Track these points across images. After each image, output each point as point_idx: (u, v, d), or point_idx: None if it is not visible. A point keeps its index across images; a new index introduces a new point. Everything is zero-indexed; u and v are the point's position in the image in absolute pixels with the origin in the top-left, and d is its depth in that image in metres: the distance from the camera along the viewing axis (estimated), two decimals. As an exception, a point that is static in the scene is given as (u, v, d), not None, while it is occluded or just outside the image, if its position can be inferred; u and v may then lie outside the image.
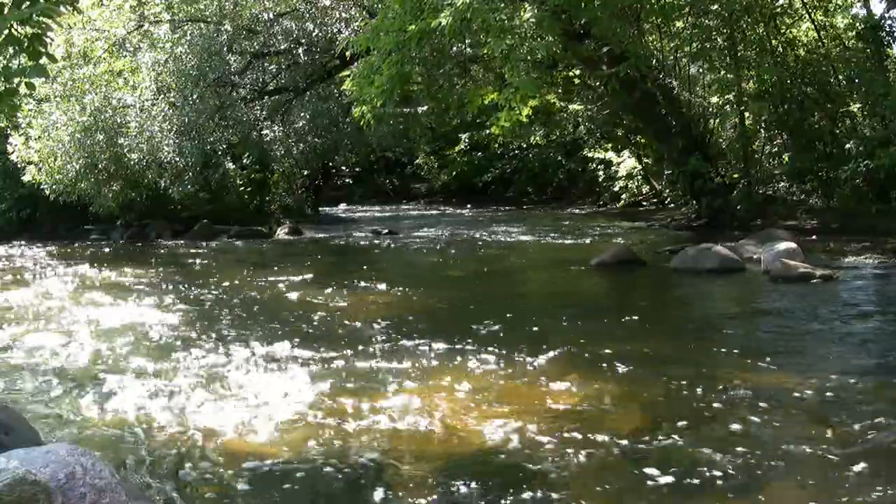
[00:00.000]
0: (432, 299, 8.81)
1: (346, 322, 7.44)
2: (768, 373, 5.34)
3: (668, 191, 22.25)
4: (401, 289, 9.25)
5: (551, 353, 5.84)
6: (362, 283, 9.81)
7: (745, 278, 9.61)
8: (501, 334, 6.56)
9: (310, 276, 10.56)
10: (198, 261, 13.00)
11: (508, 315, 7.51)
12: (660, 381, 5.11)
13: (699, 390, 4.88)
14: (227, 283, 9.98)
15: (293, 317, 7.72)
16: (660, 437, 4.14)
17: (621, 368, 5.40)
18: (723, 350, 6.00)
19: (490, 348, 6.05)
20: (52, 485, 2.68)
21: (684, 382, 5.04)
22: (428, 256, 13.50)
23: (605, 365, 5.50)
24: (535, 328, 6.96)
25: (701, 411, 4.52)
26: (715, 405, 4.61)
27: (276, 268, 11.70)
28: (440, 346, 6.18)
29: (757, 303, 8.41)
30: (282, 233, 17.81)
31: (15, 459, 2.73)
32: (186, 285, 9.94)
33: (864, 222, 12.78)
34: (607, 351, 5.97)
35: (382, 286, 9.42)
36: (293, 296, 8.97)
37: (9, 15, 3.82)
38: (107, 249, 15.28)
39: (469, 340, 6.26)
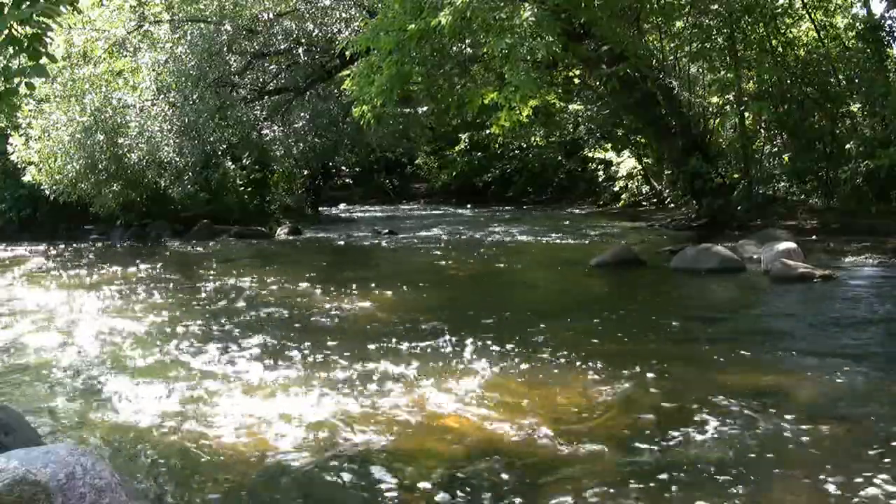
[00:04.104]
0: (432, 299, 8.81)
1: (347, 322, 7.44)
2: (768, 372, 5.35)
3: (668, 191, 22.25)
4: (401, 289, 9.25)
5: (551, 353, 5.85)
6: (362, 283, 9.80)
7: (745, 278, 9.60)
8: (501, 334, 6.55)
9: (310, 276, 10.55)
10: (198, 261, 13.00)
11: (508, 315, 7.50)
12: (660, 380, 5.12)
13: (699, 389, 4.88)
14: (227, 284, 9.98)
15: (293, 317, 7.72)
16: (659, 436, 4.14)
17: (621, 368, 5.40)
18: (723, 350, 6.00)
19: (490, 348, 6.07)
20: (52, 485, 2.68)
21: (684, 382, 5.05)
22: (428, 256, 13.49)
23: (605, 364, 5.50)
24: (536, 328, 6.95)
25: (701, 410, 4.52)
26: (715, 404, 4.61)
27: (276, 268, 11.71)
28: (440, 345, 6.19)
29: (757, 303, 8.41)
30: (282, 233, 17.82)
31: (15, 459, 2.73)
32: (186, 285, 9.94)
33: (864, 222, 12.76)
34: (607, 350, 5.97)
35: (382, 286, 9.41)
36: (293, 296, 8.97)
37: (9, 15, 3.83)
38: (107, 250, 15.27)
39: (469, 340, 6.27)
